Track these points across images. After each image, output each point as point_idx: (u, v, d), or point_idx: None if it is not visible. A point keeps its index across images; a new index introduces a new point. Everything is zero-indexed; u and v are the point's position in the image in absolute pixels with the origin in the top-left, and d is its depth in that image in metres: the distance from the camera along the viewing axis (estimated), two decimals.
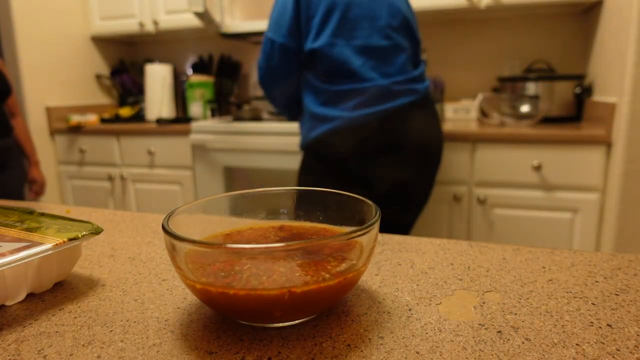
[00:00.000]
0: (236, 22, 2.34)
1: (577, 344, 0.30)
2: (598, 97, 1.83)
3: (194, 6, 2.03)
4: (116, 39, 2.86)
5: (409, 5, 1.39)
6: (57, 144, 2.53)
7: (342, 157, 1.28)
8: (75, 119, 2.43)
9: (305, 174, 1.38)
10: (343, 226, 0.41)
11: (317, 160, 1.34)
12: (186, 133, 2.20)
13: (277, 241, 0.39)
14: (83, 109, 2.65)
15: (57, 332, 0.33)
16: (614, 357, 0.28)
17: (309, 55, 1.29)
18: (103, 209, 0.69)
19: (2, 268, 0.34)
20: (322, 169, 1.33)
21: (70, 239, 0.38)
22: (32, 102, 2.42)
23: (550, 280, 0.40)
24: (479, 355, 0.29)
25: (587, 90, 1.91)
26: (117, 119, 2.54)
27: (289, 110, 1.49)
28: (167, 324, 0.33)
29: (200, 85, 2.56)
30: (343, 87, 1.27)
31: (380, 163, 1.27)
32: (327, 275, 0.31)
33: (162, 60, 2.86)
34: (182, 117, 2.54)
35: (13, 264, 0.35)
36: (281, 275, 0.30)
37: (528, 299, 0.36)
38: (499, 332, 0.31)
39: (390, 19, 1.29)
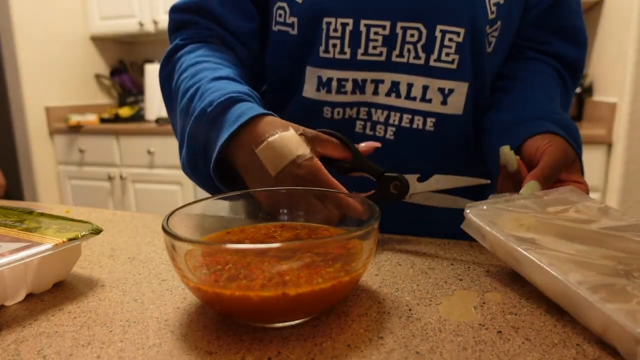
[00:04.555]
0: None
1: (577, 344, 0.30)
2: (598, 97, 1.82)
3: None
4: (116, 38, 2.86)
5: None
6: (57, 144, 2.52)
7: None
8: (75, 119, 2.43)
9: None
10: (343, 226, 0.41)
11: None
12: None
13: (277, 242, 0.39)
14: (82, 109, 2.65)
15: (56, 332, 0.33)
16: (614, 358, 0.28)
17: None
18: (102, 209, 0.68)
19: (2, 268, 0.34)
20: None
21: (70, 239, 0.38)
22: (31, 102, 2.42)
23: None
24: (479, 356, 0.29)
25: (588, 90, 1.91)
26: (116, 119, 2.54)
27: None
28: (167, 324, 0.33)
29: None
30: None
31: None
32: (323, 279, 0.31)
33: None
34: None
35: (12, 264, 0.35)
36: (278, 277, 0.30)
37: (529, 299, 0.36)
38: (499, 332, 0.31)
39: None
